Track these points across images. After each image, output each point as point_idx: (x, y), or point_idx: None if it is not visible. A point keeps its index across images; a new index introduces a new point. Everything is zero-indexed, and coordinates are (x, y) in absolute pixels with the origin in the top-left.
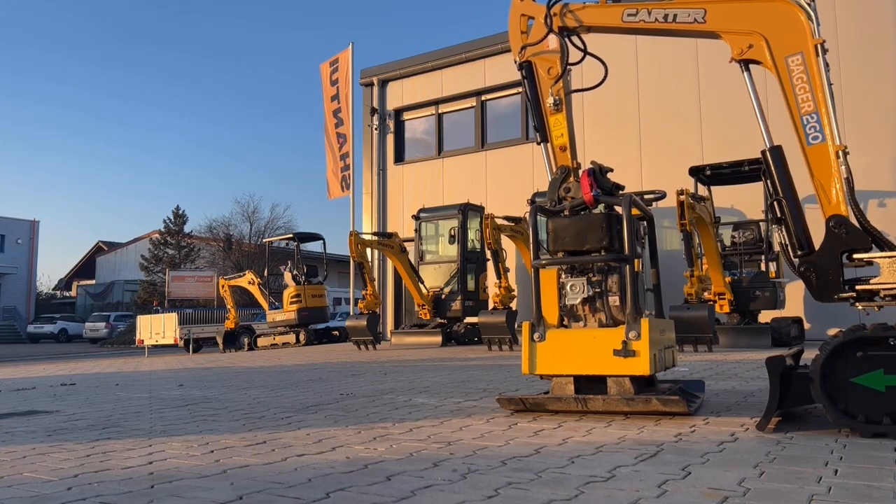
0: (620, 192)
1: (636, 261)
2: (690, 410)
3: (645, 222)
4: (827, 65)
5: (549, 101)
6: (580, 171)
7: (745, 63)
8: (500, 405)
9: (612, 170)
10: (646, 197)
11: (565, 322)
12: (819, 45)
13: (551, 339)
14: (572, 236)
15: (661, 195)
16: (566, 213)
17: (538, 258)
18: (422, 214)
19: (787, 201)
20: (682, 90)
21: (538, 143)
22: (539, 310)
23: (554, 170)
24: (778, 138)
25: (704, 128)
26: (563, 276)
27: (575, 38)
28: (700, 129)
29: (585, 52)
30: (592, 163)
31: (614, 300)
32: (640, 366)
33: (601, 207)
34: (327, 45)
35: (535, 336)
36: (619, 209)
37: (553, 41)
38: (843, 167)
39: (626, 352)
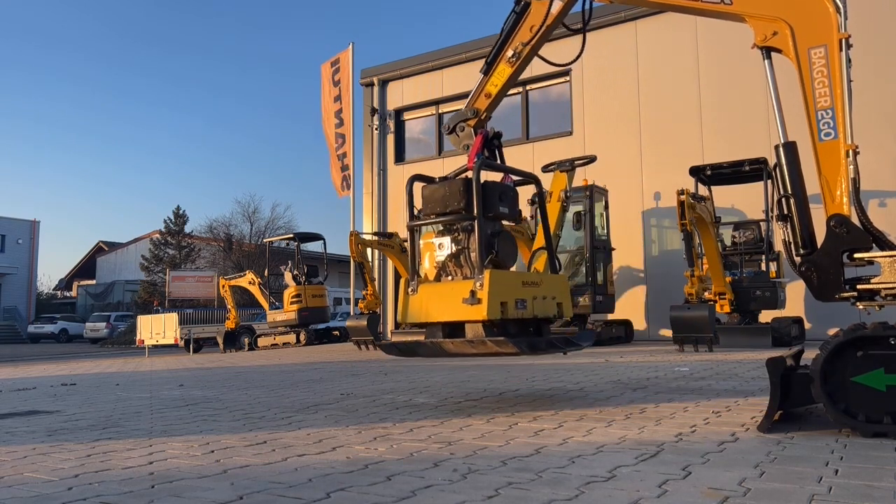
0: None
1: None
2: (521, 351)
3: (533, 185)
4: (849, 60)
5: (510, 52)
6: (478, 130)
7: (767, 50)
8: (384, 351)
9: (501, 134)
10: (576, 163)
11: (441, 279)
12: (844, 40)
13: (421, 291)
14: (439, 200)
15: (591, 159)
16: (438, 179)
17: (412, 220)
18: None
19: (796, 199)
20: (683, 90)
21: (480, 72)
22: (415, 267)
23: (472, 105)
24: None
25: (705, 127)
26: (435, 236)
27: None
28: (700, 129)
29: (585, 26)
30: (490, 129)
31: (475, 256)
32: (481, 311)
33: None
34: (328, 46)
35: (409, 290)
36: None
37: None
38: (851, 167)
39: (472, 300)
